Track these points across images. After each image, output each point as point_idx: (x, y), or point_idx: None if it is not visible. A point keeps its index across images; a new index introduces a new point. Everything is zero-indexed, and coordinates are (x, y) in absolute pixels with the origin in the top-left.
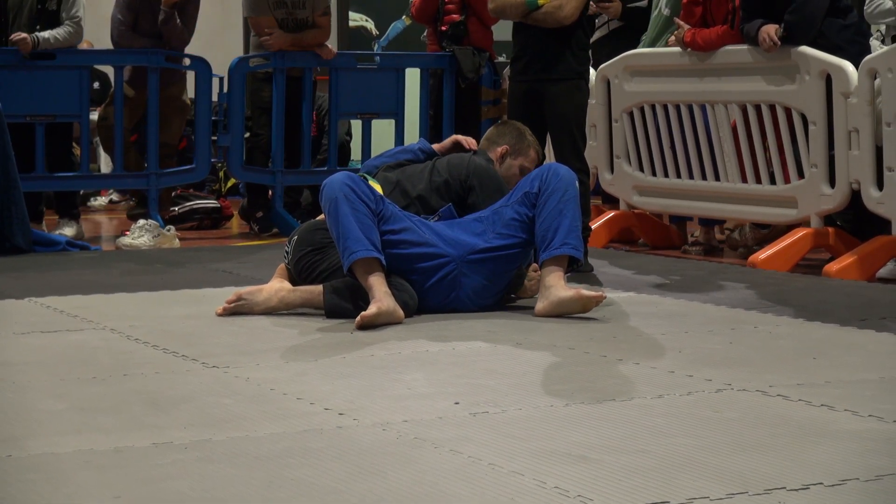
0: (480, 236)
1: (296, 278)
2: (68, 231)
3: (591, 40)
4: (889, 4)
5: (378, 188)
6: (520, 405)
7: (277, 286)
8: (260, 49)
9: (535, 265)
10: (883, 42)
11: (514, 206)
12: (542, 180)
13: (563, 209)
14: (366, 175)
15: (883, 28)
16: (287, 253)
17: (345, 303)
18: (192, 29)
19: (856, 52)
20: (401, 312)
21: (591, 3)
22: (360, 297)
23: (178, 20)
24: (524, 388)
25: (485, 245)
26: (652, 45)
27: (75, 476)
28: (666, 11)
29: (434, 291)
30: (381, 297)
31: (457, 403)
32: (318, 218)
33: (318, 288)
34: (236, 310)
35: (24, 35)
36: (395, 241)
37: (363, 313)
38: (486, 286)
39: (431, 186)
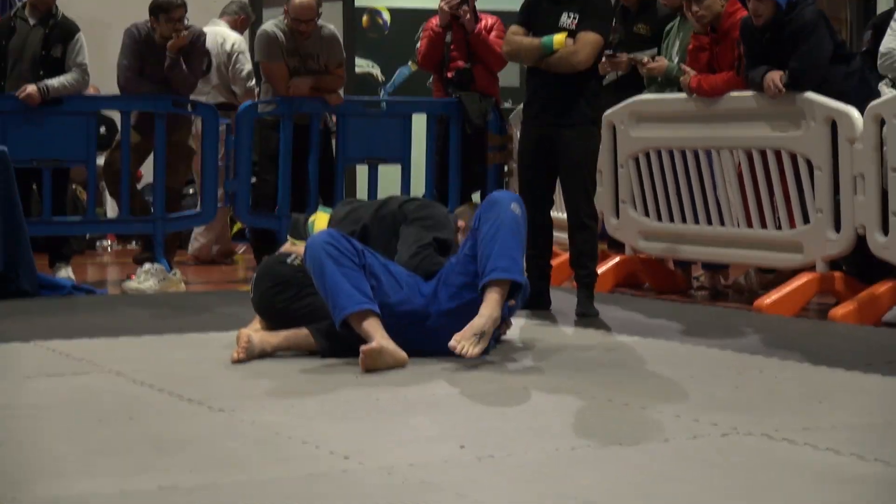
0: (445, 291)
1: (260, 316)
2: (64, 273)
3: None
4: None
5: (323, 220)
6: (526, 449)
7: (258, 337)
8: (269, 95)
9: None
10: (894, 87)
11: (467, 245)
12: (479, 213)
13: (495, 234)
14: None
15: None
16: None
17: (335, 343)
18: (199, 74)
19: (861, 99)
20: (404, 354)
21: (603, 59)
22: (350, 340)
23: (184, 66)
24: (530, 432)
25: (449, 305)
26: (661, 91)
27: None
28: (675, 58)
29: (417, 341)
30: (381, 339)
31: (462, 447)
32: (281, 250)
33: (303, 331)
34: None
35: (32, 88)
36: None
37: (366, 347)
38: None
39: (377, 216)
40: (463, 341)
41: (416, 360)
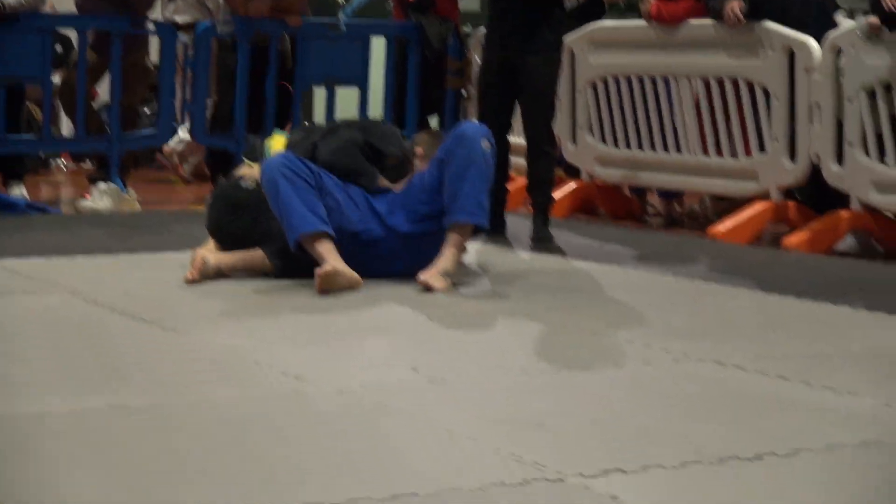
0: (403, 215)
1: (214, 240)
2: (18, 192)
3: None
4: None
5: (280, 142)
6: (478, 373)
7: (212, 258)
8: (227, 15)
9: None
10: (851, 17)
11: (429, 174)
12: (447, 145)
13: (464, 173)
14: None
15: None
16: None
17: (289, 264)
18: None
19: (818, 29)
20: (358, 277)
21: None
22: (304, 261)
23: None
24: (483, 356)
25: (408, 230)
26: (621, 18)
27: (32, 438)
28: None
29: (371, 264)
30: (335, 261)
31: (415, 370)
32: (236, 172)
33: (259, 252)
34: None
35: None
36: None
37: (321, 269)
38: (420, 258)
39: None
40: (430, 278)
41: (371, 283)
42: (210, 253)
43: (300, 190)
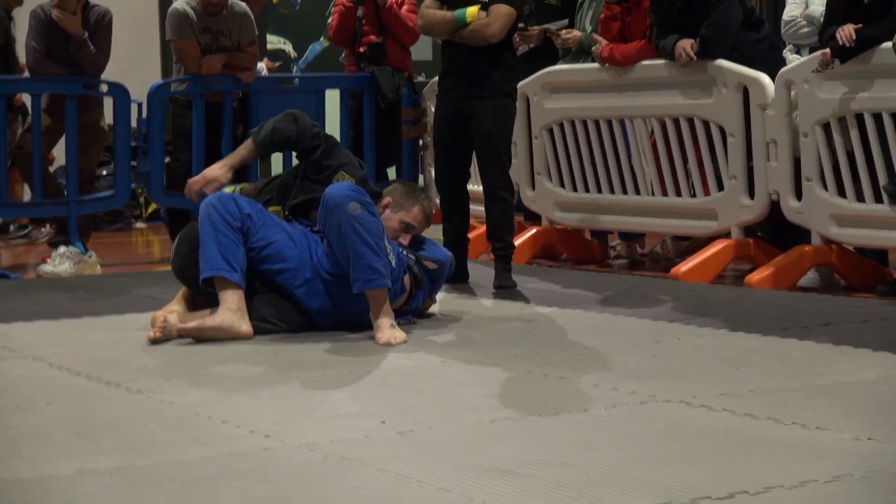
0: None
1: (179, 280)
2: None
3: None
4: (806, 29)
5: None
6: (446, 422)
7: (174, 319)
8: (181, 74)
9: None
10: (798, 53)
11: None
12: (319, 214)
13: (344, 245)
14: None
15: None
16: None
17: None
18: (107, 54)
19: (770, 65)
20: (245, 328)
21: (515, 35)
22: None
23: (91, 46)
24: (450, 405)
25: (328, 271)
26: (575, 61)
27: None
28: (588, 28)
29: (312, 302)
30: (223, 311)
31: (383, 422)
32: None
33: (209, 311)
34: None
35: None
36: (261, 258)
37: (200, 323)
38: (352, 303)
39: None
40: (388, 338)
41: (332, 336)
42: (171, 314)
43: (220, 234)
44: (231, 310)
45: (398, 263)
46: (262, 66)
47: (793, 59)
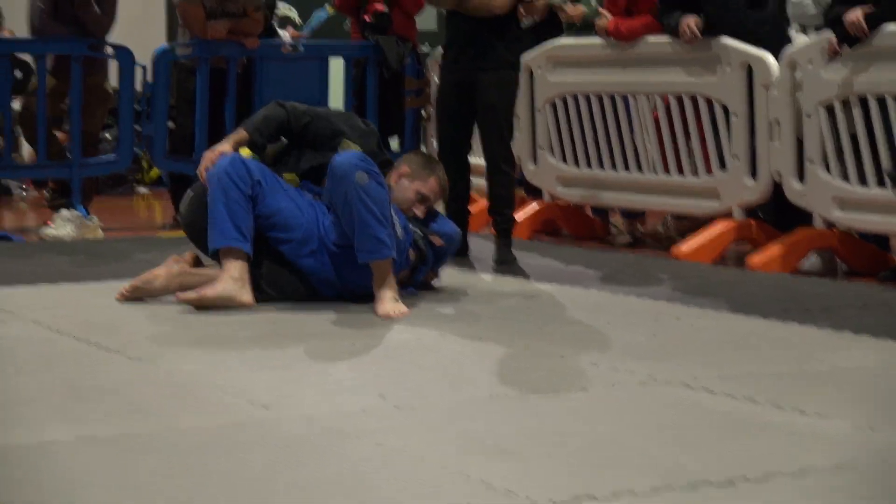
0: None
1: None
2: None
3: None
4: (813, 10)
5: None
6: (444, 397)
7: (176, 269)
8: (186, 38)
9: None
10: (804, 33)
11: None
12: (327, 185)
13: (350, 214)
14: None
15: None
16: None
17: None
18: (113, 16)
19: (774, 44)
20: (247, 297)
21: (520, 7)
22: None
23: (96, 7)
24: (448, 381)
25: (334, 242)
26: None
27: None
28: (593, 2)
29: (317, 273)
30: (224, 279)
31: (382, 396)
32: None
33: (217, 271)
34: (133, 296)
35: None
36: (268, 225)
37: (201, 292)
38: (357, 274)
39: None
40: (389, 310)
41: (335, 307)
42: (172, 273)
43: (231, 201)
44: (234, 278)
45: (404, 236)
46: (286, 34)
47: (798, 39)
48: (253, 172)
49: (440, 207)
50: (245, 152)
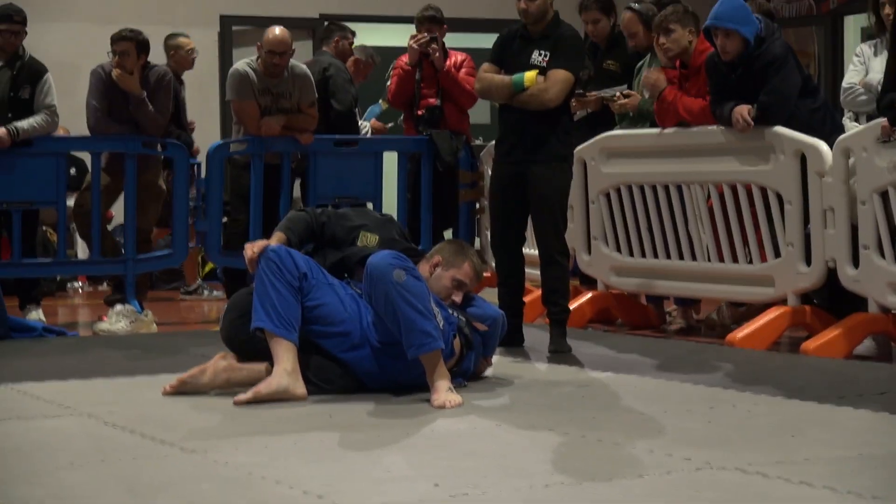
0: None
1: (227, 347)
2: (35, 315)
3: None
4: (864, 97)
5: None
6: (500, 487)
7: (223, 364)
8: (240, 135)
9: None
10: (856, 121)
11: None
12: (365, 287)
13: (394, 312)
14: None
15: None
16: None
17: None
18: (167, 114)
19: (826, 133)
20: (301, 391)
21: (572, 101)
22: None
23: (151, 106)
24: (504, 470)
25: (378, 339)
26: (633, 126)
27: None
28: (646, 94)
29: (360, 366)
30: (279, 373)
31: (436, 486)
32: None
33: (263, 365)
34: (179, 391)
35: (1, 130)
36: (311, 318)
37: (256, 390)
38: (405, 366)
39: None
40: (443, 401)
41: (387, 398)
42: (219, 368)
43: (279, 291)
44: (287, 371)
45: (447, 326)
46: (367, 126)
47: (851, 127)
48: (300, 265)
49: (493, 297)
50: None
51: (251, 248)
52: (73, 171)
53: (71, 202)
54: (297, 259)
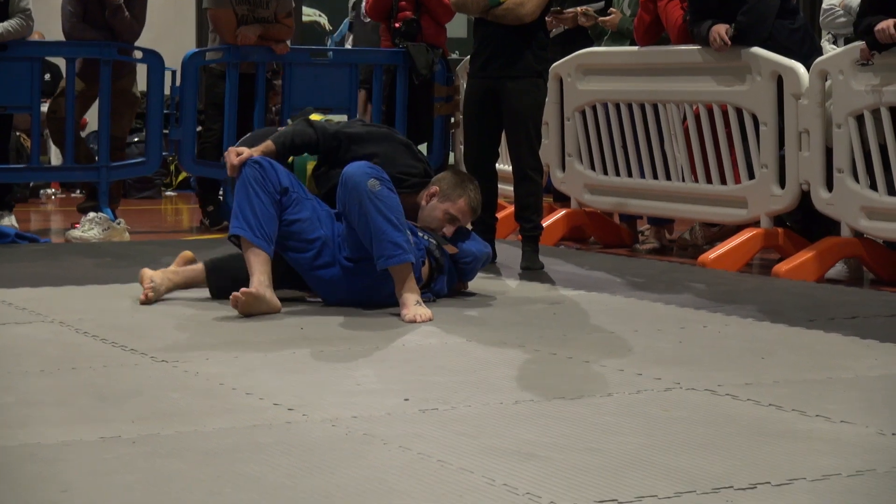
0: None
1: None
2: (7, 221)
3: None
4: (843, 19)
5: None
6: (469, 402)
7: (172, 270)
8: (216, 43)
9: None
10: (834, 44)
11: (343, 225)
12: (339, 194)
13: (366, 221)
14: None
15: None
16: None
17: (226, 283)
18: (143, 21)
19: (804, 54)
20: (277, 303)
21: (549, 16)
22: (242, 275)
23: (127, 13)
24: (473, 386)
25: (346, 257)
26: (613, 44)
27: (21, 469)
28: (627, 12)
29: (327, 285)
30: (257, 284)
31: (406, 400)
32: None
33: (200, 266)
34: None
35: None
36: (286, 233)
37: (243, 290)
38: (372, 285)
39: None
40: (414, 315)
41: (359, 312)
42: (158, 272)
43: (262, 202)
44: (262, 283)
45: (417, 251)
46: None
47: (829, 49)
48: (282, 179)
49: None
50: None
51: (235, 154)
52: (47, 76)
53: (45, 108)
54: (279, 172)
